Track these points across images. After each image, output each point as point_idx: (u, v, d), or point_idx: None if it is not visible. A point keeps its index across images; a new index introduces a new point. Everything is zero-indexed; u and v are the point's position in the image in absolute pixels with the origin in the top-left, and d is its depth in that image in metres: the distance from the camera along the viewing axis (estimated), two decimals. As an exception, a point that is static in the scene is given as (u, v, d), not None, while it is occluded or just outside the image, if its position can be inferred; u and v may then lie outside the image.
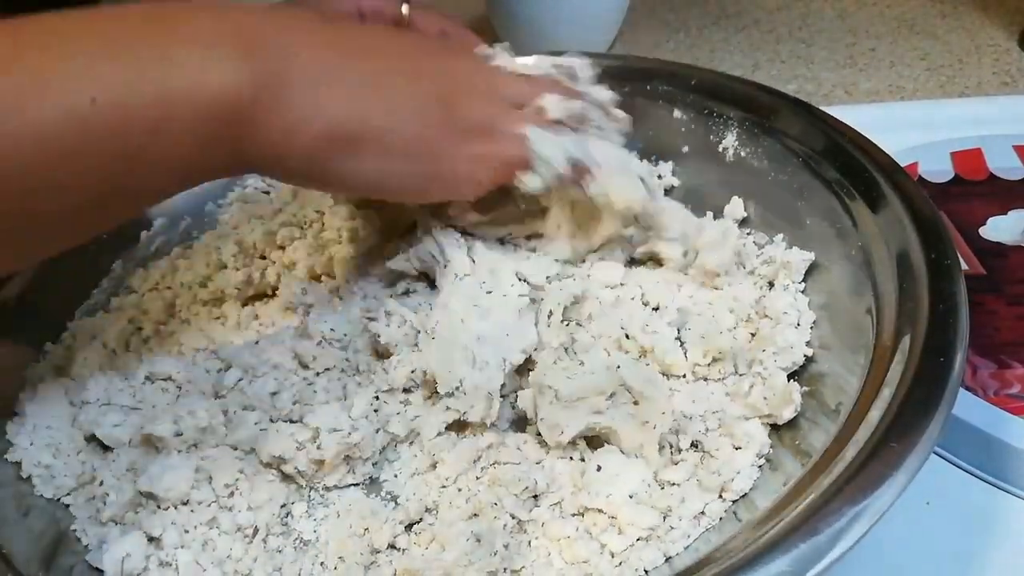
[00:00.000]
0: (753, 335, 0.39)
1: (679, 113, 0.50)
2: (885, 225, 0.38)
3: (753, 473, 0.34)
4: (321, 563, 0.34)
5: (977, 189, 0.52)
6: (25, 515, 0.35)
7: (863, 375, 0.32)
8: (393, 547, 0.34)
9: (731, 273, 0.42)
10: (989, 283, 0.45)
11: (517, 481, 0.34)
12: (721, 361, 0.38)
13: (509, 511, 0.33)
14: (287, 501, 0.36)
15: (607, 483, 0.33)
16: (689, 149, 0.49)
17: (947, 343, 0.31)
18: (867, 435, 0.28)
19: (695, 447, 0.35)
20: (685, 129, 0.50)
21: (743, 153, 0.47)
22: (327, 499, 0.36)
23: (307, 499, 0.36)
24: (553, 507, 0.34)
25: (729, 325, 0.40)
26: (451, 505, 0.34)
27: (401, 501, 0.36)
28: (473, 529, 0.32)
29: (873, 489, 0.26)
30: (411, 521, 0.34)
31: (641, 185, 0.40)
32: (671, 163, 0.50)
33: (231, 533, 0.35)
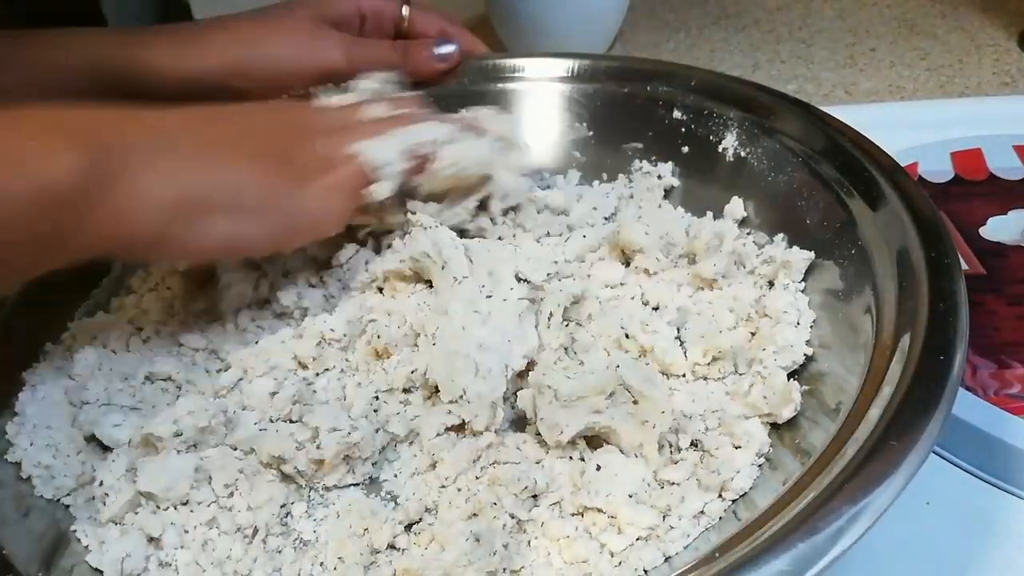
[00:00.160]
0: (753, 334, 0.39)
1: (679, 113, 0.50)
2: (885, 224, 0.38)
3: (753, 472, 0.34)
4: (321, 563, 0.33)
5: (977, 189, 0.52)
6: (25, 516, 0.35)
7: (863, 374, 0.32)
8: (393, 547, 0.34)
9: (731, 273, 0.42)
10: (989, 283, 0.45)
11: (517, 481, 0.34)
12: (721, 360, 0.38)
13: (509, 511, 0.33)
14: (287, 501, 0.36)
15: (607, 482, 0.33)
16: (689, 149, 0.49)
17: (947, 342, 0.31)
18: (867, 434, 0.28)
19: (695, 446, 0.35)
20: (685, 129, 0.50)
21: (743, 153, 0.47)
22: (327, 499, 0.36)
23: (307, 499, 0.36)
24: (553, 507, 0.34)
25: (729, 324, 0.40)
26: (451, 505, 0.34)
27: (401, 501, 0.36)
28: (472, 529, 0.32)
29: (872, 488, 0.26)
30: (411, 521, 0.34)
31: (481, 144, 0.43)
32: (671, 163, 0.50)
33: (231, 533, 0.35)
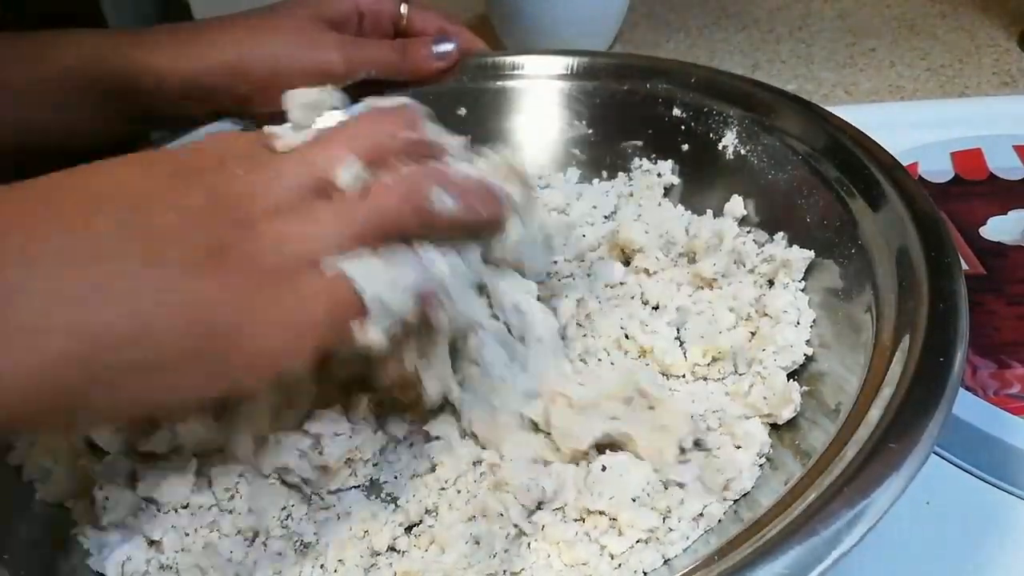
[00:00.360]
0: (753, 334, 0.39)
1: (679, 111, 0.50)
2: (885, 223, 0.37)
3: (755, 472, 0.34)
4: (322, 565, 0.33)
5: (977, 189, 0.52)
6: (26, 520, 0.35)
7: (863, 374, 0.32)
8: (393, 549, 0.34)
9: (731, 272, 0.42)
10: (989, 283, 0.45)
11: (527, 491, 0.33)
12: (721, 361, 0.38)
13: (514, 521, 0.33)
14: (287, 504, 0.36)
15: (611, 484, 0.33)
16: (689, 147, 0.49)
17: (947, 343, 0.30)
18: (867, 435, 0.28)
19: (698, 446, 0.35)
20: (685, 127, 0.49)
21: (743, 151, 0.47)
22: (327, 501, 0.36)
23: (308, 501, 0.36)
24: (556, 511, 0.34)
25: (729, 324, 0.39)
26: (451, 507, 0.34)
27: (401, 503, 0.36)
28: (472, 531, 0.32)
29: (873, 490, 0.26)
30: (411, 523, 0.34)
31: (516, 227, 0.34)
32: (671, 161, 0.50)
33: (232, 536, 0.35)
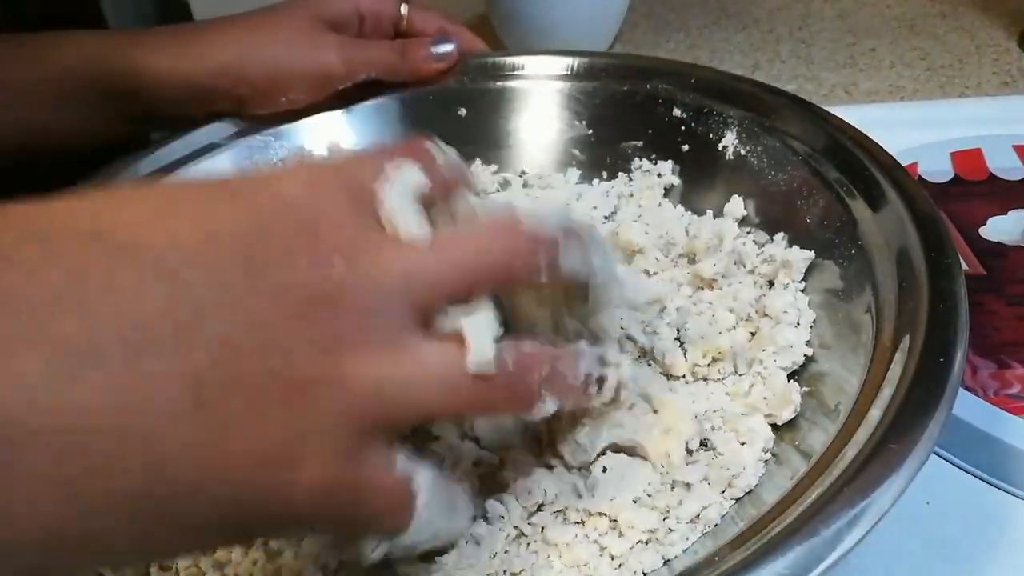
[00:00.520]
0: (753, 334, 0.39)
1: (679, 111, 0.50)
2: (885, 224, 0.37)
3: (759, 468, 0.34)
4: (323, 566, 0.33)
5: (977, 189, 0.52)
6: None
7: (863, 375, 0.32)
8: (393, 549, 0.34)
9: (730, 272, 0.42)
10: (989, 283, 0.45)
11: (528, 493, 0.33)
12: (721, 361, 0.38)
13: (514, 523, 0.33)
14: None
15: (613, 486, 0.33)
16: (689, 148, 0.49)
17: (947, 343, 0.30)
18: (867, 435, 0.28)
19: (704, 446, 0.35)
20: (685, 128, 0.49)
21: (743, 151, 0.47)
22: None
23: (306, 500, 0.36)
24: (556, 514, 0.33)
25: (729, 325, 0.39)
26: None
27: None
28: (473, 532, 0.32)
29: (873, 490, 0.26)
30: (411, 523, 0.34)
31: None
32: (671, 162, 0.50)
33: (230, 535, 0.35)
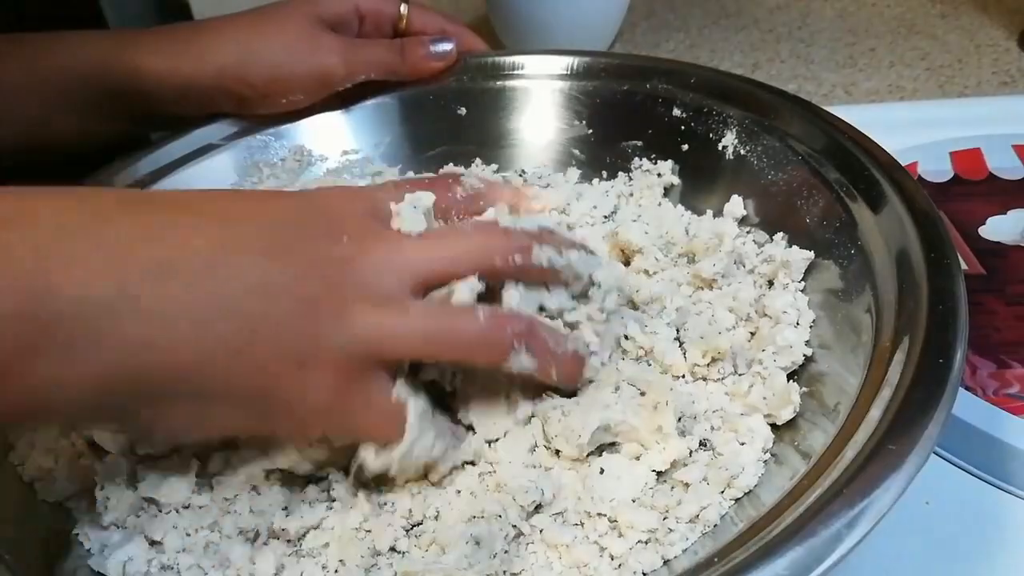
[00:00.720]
0: (752, 334, 0.39)
1: (679, 111, 0.50)
2: (885, 224, 0.38)
3: (759, 468, 0.34)
4: (322, 566, 0.33)
5: (977, 189, 0.52)
6: (27, 520, 0.35)
7: (863, 375, 0.32)
8: (394, 550, 0.34)
9: (730, 272, 0.42)
10: (989, 283, 0.45)
11: (524, 493, 0.33)
12: (720, 361, 0.38)
13: (512, 522, 0.33)
14: (288, 504, 0.36)
15: (611, 487, 0.33)
16: (689, 147, 0.49)
17: (947, 343, 0.30)
18: (866, 436, 0.28)
19: (703, 446, 0.35)
20: (685, 127, 0.50)
21: (743, 151, 0.47)
22: (329, 502, 0.36)
23: (309, 502, 0.36)
24: (554, 516, 0.34)
25: (728, 324, 0.39)
26: (451, 508, 0.34)
27: (401, 503, 0.36)
28: (473, 532, 0.32)
29: (873, 490, 0.26)
30: (411, 524, 0.34)
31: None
32: (671, 161, 0.50)
33: (233, 536, 0.35)
